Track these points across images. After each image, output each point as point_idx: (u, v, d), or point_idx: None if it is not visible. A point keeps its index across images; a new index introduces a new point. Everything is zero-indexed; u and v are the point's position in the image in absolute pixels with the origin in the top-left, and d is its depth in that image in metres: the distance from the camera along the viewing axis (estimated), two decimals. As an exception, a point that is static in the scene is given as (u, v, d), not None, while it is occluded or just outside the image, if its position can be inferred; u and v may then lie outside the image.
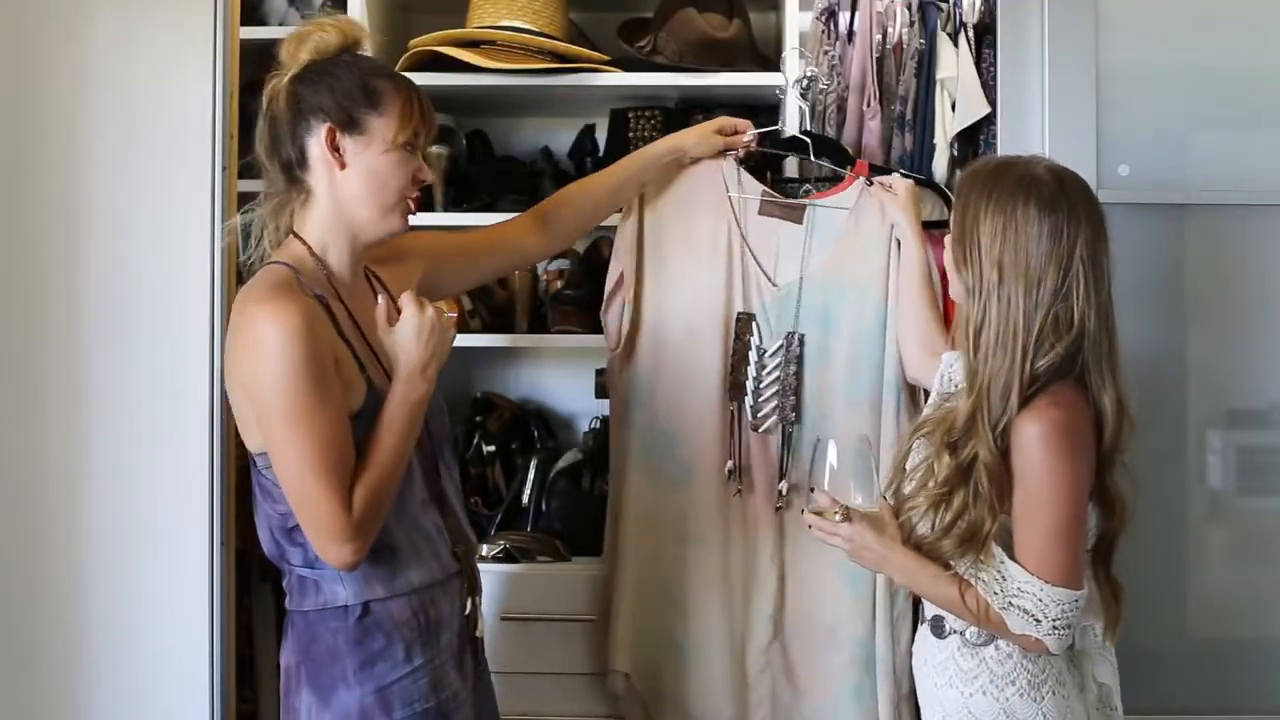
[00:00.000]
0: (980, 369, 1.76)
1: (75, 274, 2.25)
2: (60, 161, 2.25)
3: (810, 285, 2.25)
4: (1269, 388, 2.47)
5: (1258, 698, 2.42)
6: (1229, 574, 2.52)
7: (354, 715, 1.76)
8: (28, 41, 2.24)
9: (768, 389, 2.24)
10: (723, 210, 2.29)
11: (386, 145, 1.82)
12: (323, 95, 1.81)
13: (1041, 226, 1.75)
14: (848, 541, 1.82)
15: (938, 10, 2.55)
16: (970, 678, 1.79)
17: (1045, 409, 1.73)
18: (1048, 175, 1.79)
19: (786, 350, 2.24)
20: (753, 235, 2.28)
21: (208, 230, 2.24)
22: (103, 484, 2.24)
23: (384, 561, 1.78)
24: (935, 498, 1.78)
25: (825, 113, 2.56)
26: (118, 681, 2.24)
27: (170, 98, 2.25)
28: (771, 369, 2.24)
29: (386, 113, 1.82)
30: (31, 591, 2.24)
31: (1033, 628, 1.73)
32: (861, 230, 2.27)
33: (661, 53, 2.72)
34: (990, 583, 1.75)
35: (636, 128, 2.81)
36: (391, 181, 1.83)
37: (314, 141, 1.81)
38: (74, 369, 2.24)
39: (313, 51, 1.83)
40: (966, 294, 1.80)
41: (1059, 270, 1.74)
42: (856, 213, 2.28)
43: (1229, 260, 2.46)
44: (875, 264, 2.25)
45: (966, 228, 1.79)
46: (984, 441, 1.74)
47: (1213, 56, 2.45)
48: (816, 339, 2.25)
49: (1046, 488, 1.72)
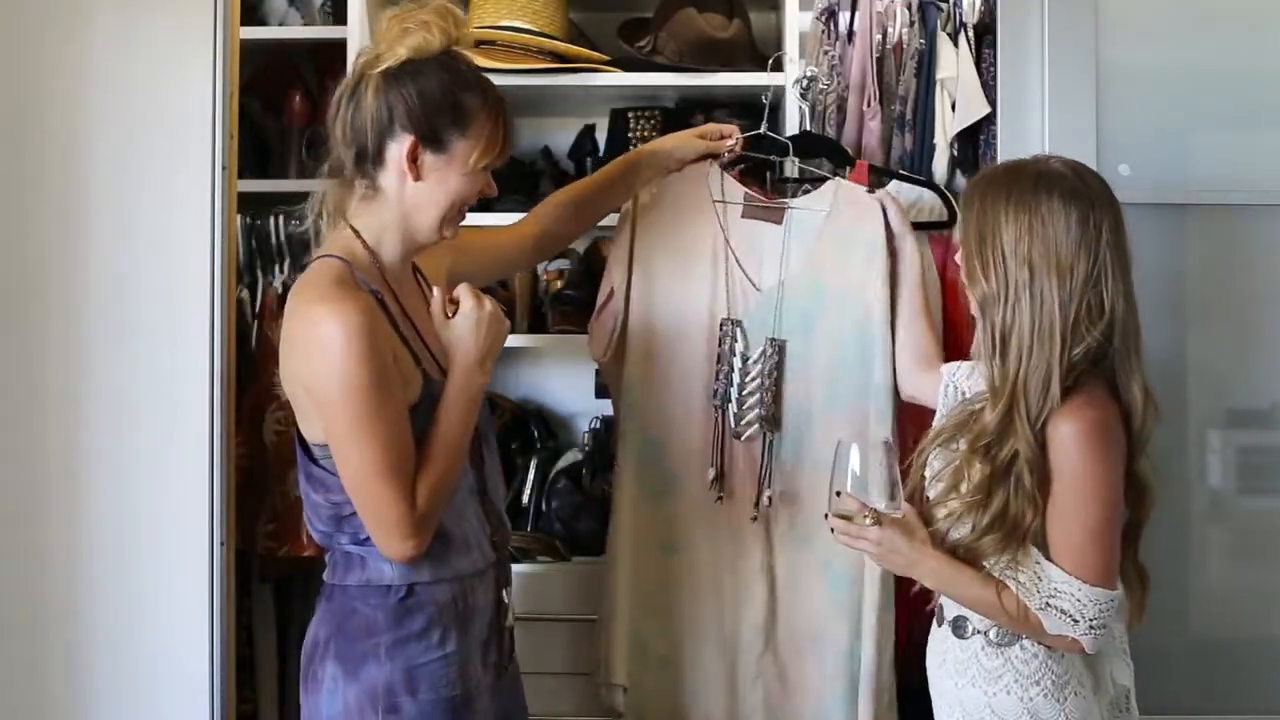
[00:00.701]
0: (1013, 369, 1.74)
1: (75, 274, 2.25)
2: (60, 161, 2.25)
3: (790, 289, 2.22)
4: (1269, 388, 2.47)
5: (1258, 698, 2.41)
6: (1229, 574, 2.52)
7: (379, 690, 1.76)
8: (28, 41, 2.24)
9: (750, 396, 2.20)
10: (708, 217, 2.27)
11: (467, 168, 1.82)
12: (413, 104, 1.79)
13: (1069, 217, 1.75)
14: (877, 545, 1.79)
15: (938, 10, 2.55)
16: (994, 677, 1.78)
17: (1081, 408, 1.73)
18: (1063, 168, 1.80)
19: (766, 357, 2.20)
20: (737, 240, 2.25)
21: (208, 230, 2.24)
22: (102, 484, 2.24)
23: (434, 549, 1.79)
24: (971, 503, 1.76)
25: (825, 113, 2.56)
26: (118, 681, 2.24)
27: (170, 98, 2.25)
28: (754, 375, 2.20)
29: (472, 136, 1.81)
30: (32, 591, 2.24)
31: (1070, 628, 1.72)
32: (838, 232, 2.24)
33: (661, 53, 2.72)
34: (1027, 583, 1.73)
35: (636, 128, 2.81)
36: (459, 199, 1.84)
37: (395, 147, 1.80)
38: (74, 369, 2.24)
39: (413, 50, 1.80)
40: (990, 301, 1.77)
41: (1089, 257, 1.74)
42: (833, 214, 2.25)
43: (1229, 260, 2.46)
44: (853, 266, 2.21)
45: (986, 234, 1.78)
46: (1023, 438, 1.73)
47: (1213, 56, 2.45)
48: (797, 345, 2.22)
49: (1084, 487, 1.72)
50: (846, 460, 1.79)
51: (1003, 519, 1.74)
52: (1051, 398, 1.72)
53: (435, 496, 1.75)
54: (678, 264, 2.26)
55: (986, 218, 1.78)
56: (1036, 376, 1.73)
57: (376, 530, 1.73)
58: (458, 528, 1.83)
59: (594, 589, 2.42)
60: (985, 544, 1.75)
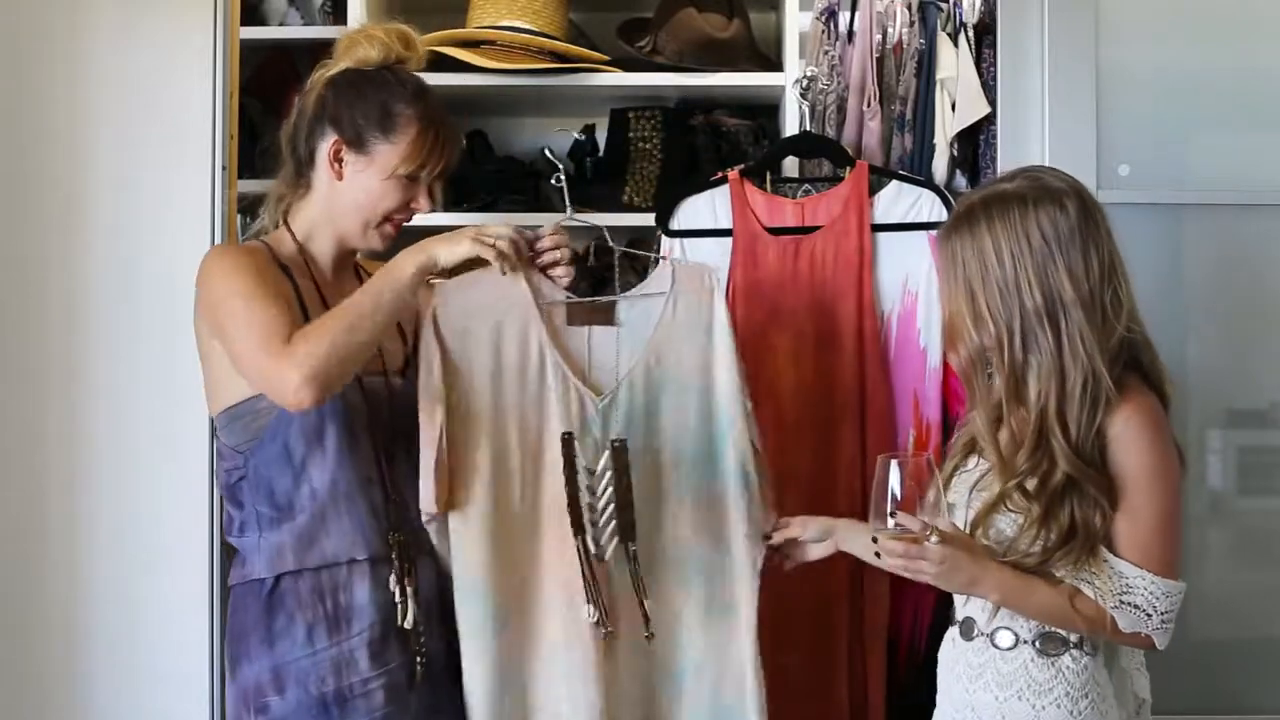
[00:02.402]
0: (1036, 404, 1.71)
1: (75, 273, 2.25)
2: (60, 161, 2.25)
3: (632, 387, 1.94)
4: (1269, 388, 2.47)
5: (1258, 698, 2.42)
6: (1229, 574, 2.52)
7: (250, 690, 1.82)
8: (28, 41, 2.24)
9: (604, 511, 1.89)
10: (530, 322, 1.91)
11: (386, 172, 1.87)
12: (342, 107, 1.88)
13: (1058, 220, 1.72)
14: (941, 563, 1.66)
15: (938, 10, 2.55)
16: (1044, 690, 1.73)
17: (1136, 399, 1.72)
18: (1024, 180, 1.77)
19: (614, 463, 1.89)
20: (566, 344, 1.93)
21: (208, 230, 2.24)
22: (103, 484, 2.24)
23: (303, 528, 1.82)
24: (1035, 522, 1.72)
25: (825, 113, 2.56)
26: (118, 681, 2.24)
27: (170, 98, 2.25)
28: (604, 488, 1.90)
29: (397, 141, 1.87)
30: (32, 592, 2.24)
31: (1144, 623, 1.70)
32: (679, 315, 1.97)
33: (661, 53, 2.72)
34: (1100, 583, 1.70)
35: (636, 128, 2.82)
36: (381, 204, 1.89)
37: (323, 145, 1.89)
38: (74, 368, 2.24)
39: (354, 61, 1.91)
40: (999, 347, 1.73)
41: (1095, 250, 1.73)
42: (673, 296, 1.97)
43: (1229, 260, 2.46)
44: (695, 350, 1.97)
45: (975, 282, 1.74)
46: (1066, 460, 1.69)
47: (1213, 57, 2.46)
48: (640, 443, 1.93)
49: (1150, 477, 1.71)
50: (887, 480, 1.68)
51: (1072, 532, 1.70)
52: (1103, 403, 1.69)
53: (320, 334, 1.72)
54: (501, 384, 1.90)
55: (970, 265, 1.74)
56: (1075, 393, 1.69)
57: (257, 364, 1.75)
58: (334, 508, 1.83)
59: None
60: (1057, 558, 1.71)
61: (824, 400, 2.38)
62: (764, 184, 2.46)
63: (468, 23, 2.72)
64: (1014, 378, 1.74)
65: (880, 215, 2.41)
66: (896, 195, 2.42)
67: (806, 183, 2.53)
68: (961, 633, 1.83)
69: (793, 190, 2.51)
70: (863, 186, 2.41)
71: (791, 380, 2.39)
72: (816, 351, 2.39)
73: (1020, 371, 1.73)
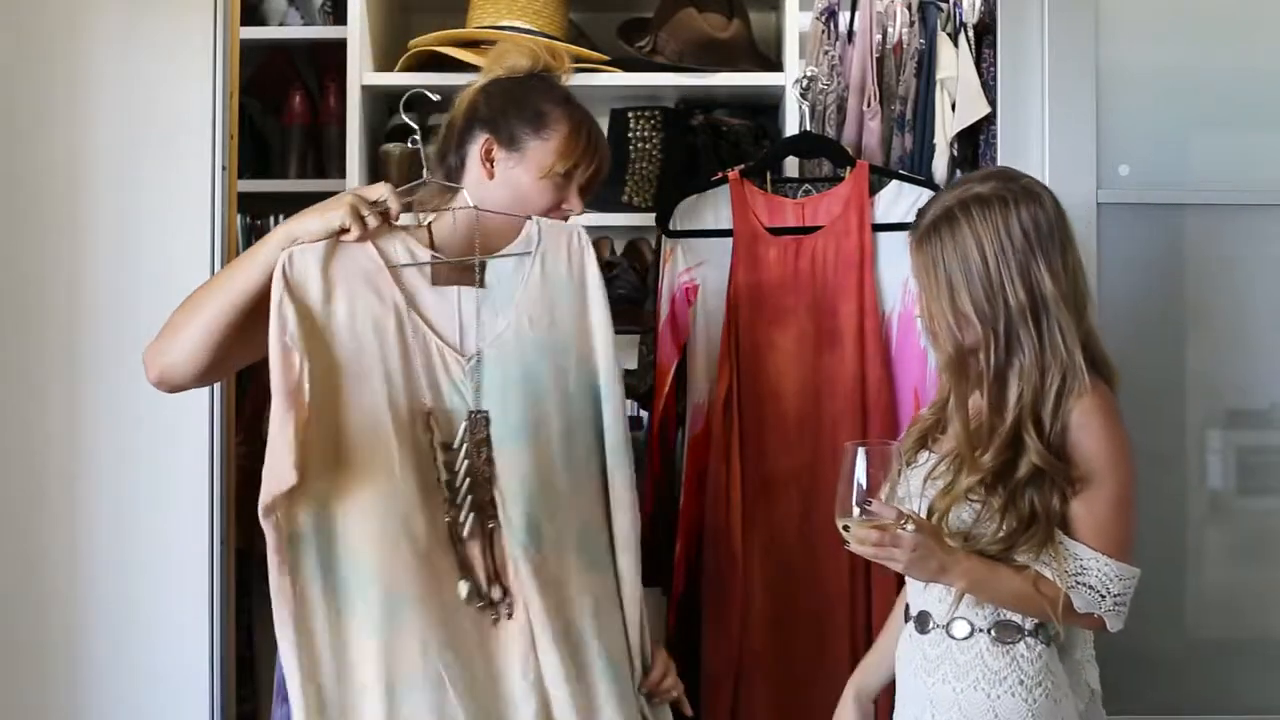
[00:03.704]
0: (1013, 399, 1.74)
1: (75, 274, 2.25)
2: (60, 161, 2.25)
3: (502, 352, 1.81)
4: (1269, 388, 2.47)
5: (1258, 698, 2.41)
6: (1229, 574, 2.52)
7: (280, 679, 1.84)
8: (28, 42, 2.24)
9: (461, 487, 1.79)
10: (385, 287, 1.79)
11: (540, 170, 1.89)
12: (494, 109, 1.91)
13: (1039, 217, 1.75)
14: (912, 550, 1.68)
15: (938, 10, 2.55)
16: (1000, 678, 1.76)
17: (1096, 388, 1.75)
18: (998, 181, 1.79)
19: (472, 435, 1.78)
20: (429, 308, 1.81)
21: (208, 230, 2.24)
22: (103, 484, 2.24)
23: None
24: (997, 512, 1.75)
25: (825, 113, 2.56)
26: (118, 681, 2.24)
27: (170, 98, 2.25)
28: (461, 461, 1.79)
29: (549, 138, 1.90)
30: (32, 591, 2.24)
31: (1097, 604, 1.73)
32: (547, 273, 1.86)
33: (661, 53, 2.72)
34: (1057, 565, 1.73)
35: (636, 128, 2.82)
36: (531, 203, 1.88)
37: (473, 148, 1.90)
38: (74, 368, 2.24)
39: (504, 68, 1.95)
40: (982, 344, 1.76)
41: (1070, 247, 1.77)
42: (539, 255, 1.86)
43: (1229, 260, 2.46)
44: (568, 311, 1.86)
45: (958, 280, 1.76)
46: (1035, 454, 1.72)
47: (1213, 56, 2.45)
48: (517, 413, 1.81)
49: (1107, 464, 1.74)
50: (853, 468, 1.69)
51: (1033, 518, 1.74)
52: (1078, 392, 1.73)
53: (163, 326, 1.79)
54: (354, 354, 1.78)
55: (952, 266, 1.76)
56: (1052, 390, 1.73)
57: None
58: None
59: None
60: (1020, 543, 1.75)
61: (825, 400, 2.38)
62: (764, 184, 2.46)
63: (468, 23, 2.72)
64: (997, 375, 1.76)
65: (881, 215, 2.41)
66: (897, 195, 2.42)
67: (807, 183, 2.53)
68: (917, 627, 1.85)
69: (793, 190, 2.51)
70: (863, 186, 2.41)
71: (792, 380, 2.39)
72: (817, 352, 2.39)
73: (1002, 370, 1.76)
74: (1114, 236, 2.37)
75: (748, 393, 2.40)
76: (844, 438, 2.36)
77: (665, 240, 2.47)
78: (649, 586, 2.50)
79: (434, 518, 1.76)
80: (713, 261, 2.45)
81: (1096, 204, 2.37)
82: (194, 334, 1.76)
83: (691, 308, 2.46)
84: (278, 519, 1.71)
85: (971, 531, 1.76)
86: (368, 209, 1.74)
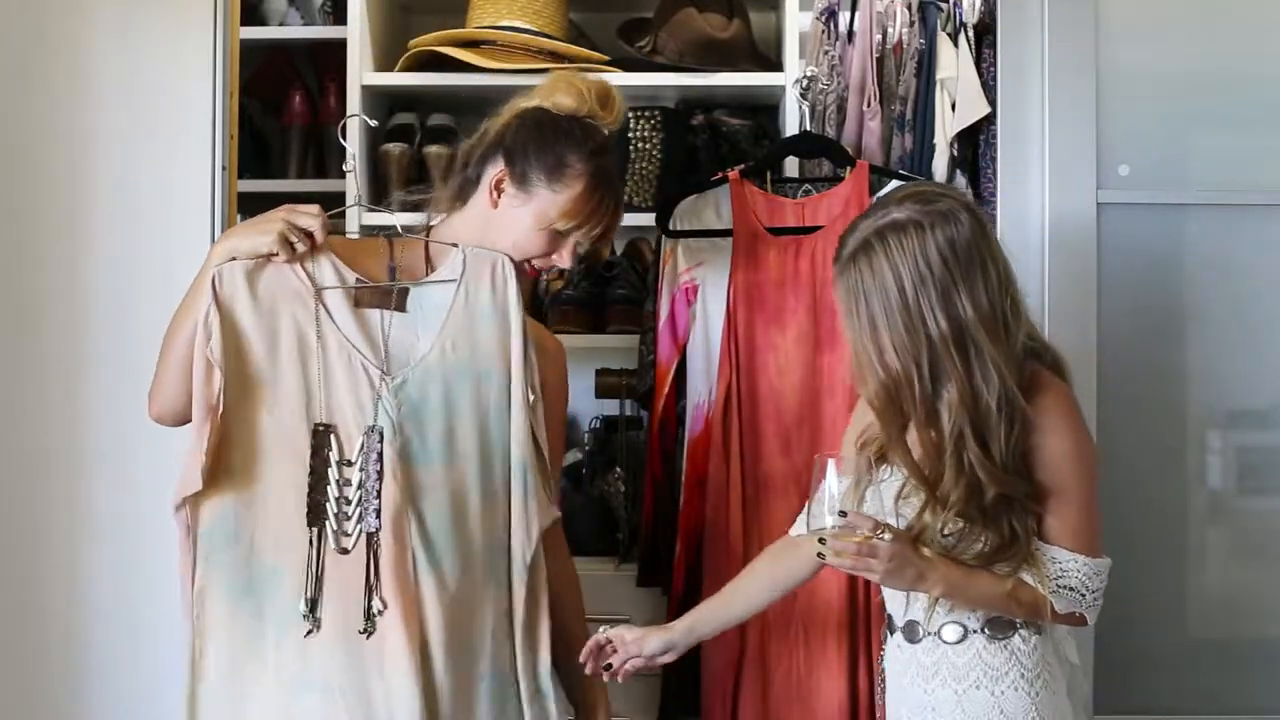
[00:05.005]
0: (951, 429, 1.71)
1: (76, 274, 2.25)
2: (60, 161, 2.25)
3: (424, 374, 1.84)
4: (1269, 388, 2.47)
5: (1258, 698, 2.42)
6: (1229, 574, 2.52)
7: None
8: (28, 42, 2.24)
9: (354, 500, 1.80)
10: (311, 307, 1.82)
11: (540, 220, 1.86)
12: (519, 141, 1.87)
13: (955, 239, 1.71)
14: (890, 559, 1.67)
15: (938, 10, 2.55)
16: (1001, 674, 1.76)
17: (1051, 386, 1.75)
18: (914, 204, 1.74)
19: (365, 451, 1.80)
20: (354, 330, 1.83)
21: (208, 230, 2.24)
22: (103, 484, 2.24)
23: None
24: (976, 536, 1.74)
25: (825, 113, 2.56)
26: (118, 681, 2.24)
27: (170, 98, 2.25)
28: (355, 476, 1.81)
29: (559, 192, 1.85)
30: (32, 591, 2.24)
31: (1078, 603, 1.74)
32: (470, 302, 1.87)
33: (661, 53, 2.73)
34: (1037, 569, 1.73)
35: (636, 128, 2.82)
36: (523, 247, 1.87)
37: (489, 173, 1.88)
38: (74, 368, 2.24)
39: (549, 101, 1.90)
40: (907, 380, 1.71)
41: (992, 263, 1.73)
42: (464, 284, 1.88)
43: (1229, 260, 2.46)
44: (491, 338, 1.87)
45: (877, 313, 1.71)
46: (994, 479, 1.70)
47: (1213, 57, 2.46)
48: (435, 434, 1.83)
49: (1074, 464, 1.74)
50: (825, 478, 1.68)
51: (1013, 538, 1.73)
52: (1019, 408, 1.70)
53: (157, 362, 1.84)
54: (274, 371, 1.82)
55: (873, 299, 1.72)
56: (990, 414, 1.70)
57: None
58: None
59: (592, 590, 2.42)
60: (999, 561, 1.74)
61: (825, 400, 2.38)
62: (764, 184, 2.46)
63: (468, 23, 2.72)
64: (926, 408, 1.73)
65: (880, 215, 2.41)
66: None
67: (806, 183, 2.53)
68: (906, 637, 1.83)
69: (793, 190, 2.51)
70: (863, 186, 2.41)
71: (792, 380, 2.39)
72: (817, 352, 2.39)
73: (931, 402, 1.72)
74: (1114, 236, 2.37)
75: (747, 393, 2.40)
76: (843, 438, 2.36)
77: (665, 240, 2.47)
78: (649, 586, 2.54)
79: (322, 530, 1.79)
80: (712, 262, 2.45)
81: (1096, 204, 2.37)
82: (171, 372, 1.81)
83: (691, 308, 2.46)
84: (186, 515, 1.80)
85: (954, 549, 1.75)
86: (296, 235, 1.78)
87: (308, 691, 1.77)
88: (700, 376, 2.46)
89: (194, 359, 1.78)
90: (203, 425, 1.77)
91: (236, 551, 1.80)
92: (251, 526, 1.80)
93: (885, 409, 1.75)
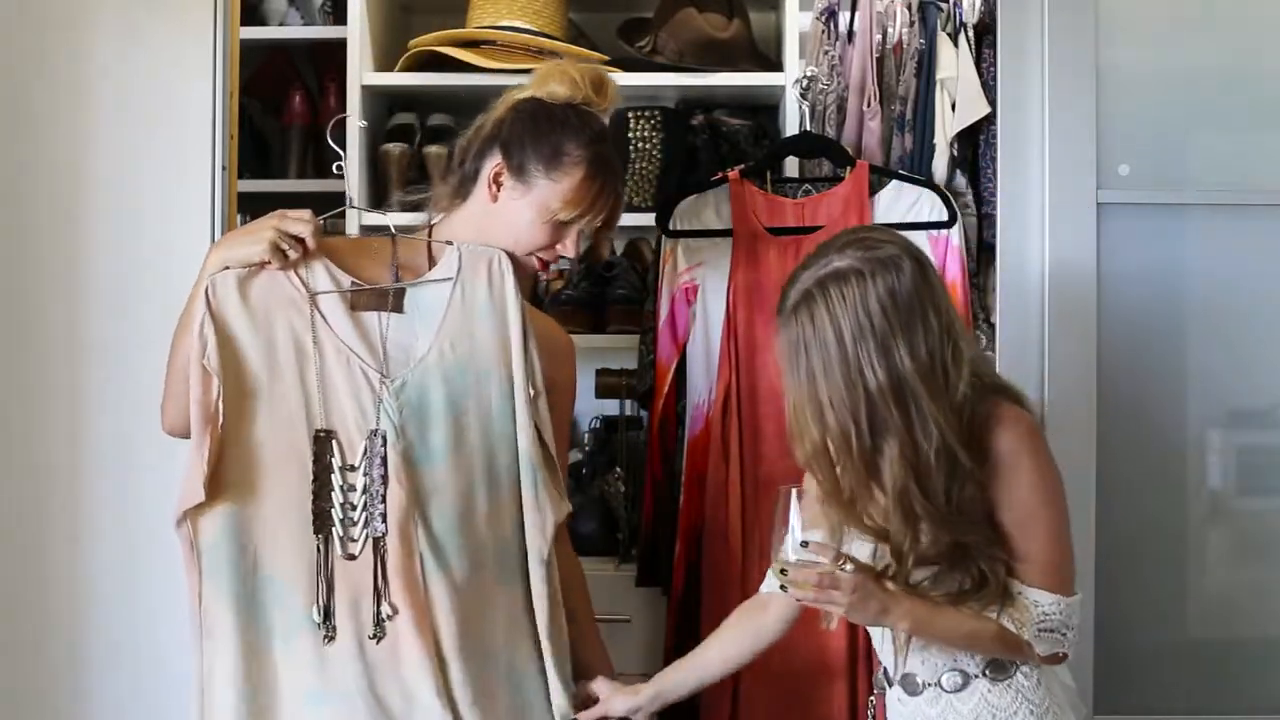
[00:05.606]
0: (896, 486, 1.66)
1: (76, 274, 2.25)
2: (61, 162, 2.25)
3: (423, 375, 1.82)
4: (1269, 388, 2.47)
5: (1258, 698, 2.42)
6: (1229, 574, 2.52)
7: None
8: (28, 42, 2.24)
9: (358, 506, 1.79)
10: (306, 312, 1.81)
11: (541, 211, 1.84)
12: (514, 133, 1.85)
13: (895, 288, 1.66)
14: (853, 592, 1.63)
15: (938, 10, 2.55)
16: (1010, 715, 1.73)
17: (1012, 421, 1.70)
18: (856, 252, 1.69)
19: (368, 456, 1.78)
20: (351, 333, 1.82)
21: (208, 230, 2.24)
22: (104, 484, 2.24)
23: None
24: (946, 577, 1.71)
25: (825, 113, 2.56)
26: (119, 682, 2.24)
27: (170, 98, 2.25)
28: (360, 481, 1.79)
29: (558, 180, 1.84)
30: (33, 591, 2.24)
31: (1060, 644, 1.71)
32: (468, 300, 1.86)
33: (661, 53, 2.73)
34: (1016, 614, 1.70)
35: (636, 128, 2.82)
36: (526, 240, 1.86)
37: (486, 167, 1.86)
38: (75, 369, 2.24)
39: (543, 91, 1.88)
40: (846, 437, 1.67)
41: (934, 311, 1.68)
42: (461, 283, 1.86)
43: (1229, 260, 2.46)
44: (491, 336, 1.85)
45: (814, 367, 1.67)
46: (946, 526, 1.66)
47: (1213, 56, 2.46)
48: (438, 435, 1.81)
49: (1041, 492, 1.70)
50: (789, 510, 1.65)
51: (983, 582, 1.70)
52: (966, 471, 1.66)
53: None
54: (271, 378, 1.80)
55: (812, 352, 1.67)
56: (930, 466, 1.65)
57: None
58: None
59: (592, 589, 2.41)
60: (972, 601, 1.71)
61: (824, 400, 2.38)
62: (764, 184, 2.46)
63: (467, 23, 2.72)
64: (866, 464, 1.69)
65: (880, 215, 2.41)
66: (897, 195, 2.42)
67: (806, 183, 2.53)
68: (906, 690, 1.80)
69: (793, 190, 2.51)
70: (863, 186, 2.41)
71: (792, 380, 2.39)
72: (816, 351, 2.39)
73: (871, 458, 1.68)
74: (1114, 236, 2.37)
75: (747, 393, 2.40)
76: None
77: (665, 240, 2.47)
78: (649, 586, 2.54)
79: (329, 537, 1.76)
80: (712, 262, 2.45)
81: (1096, 204, 2.37)
82: (177, 384, 1.81)
83: (691, 308, 2.46)
84: (189, 531, 1.77)
85: (925, 589, 1.71)
86: (287, 242, 1.77)
87: (324, 702, 1.75)
88: (700, 376, 2.46)
89: (190, 370, 1.76)
90: (202, 436, 1.75)
91: (242, 564, 1.77)
92: (255, 538, 1.78)
93: (818, 468, 1.71)
